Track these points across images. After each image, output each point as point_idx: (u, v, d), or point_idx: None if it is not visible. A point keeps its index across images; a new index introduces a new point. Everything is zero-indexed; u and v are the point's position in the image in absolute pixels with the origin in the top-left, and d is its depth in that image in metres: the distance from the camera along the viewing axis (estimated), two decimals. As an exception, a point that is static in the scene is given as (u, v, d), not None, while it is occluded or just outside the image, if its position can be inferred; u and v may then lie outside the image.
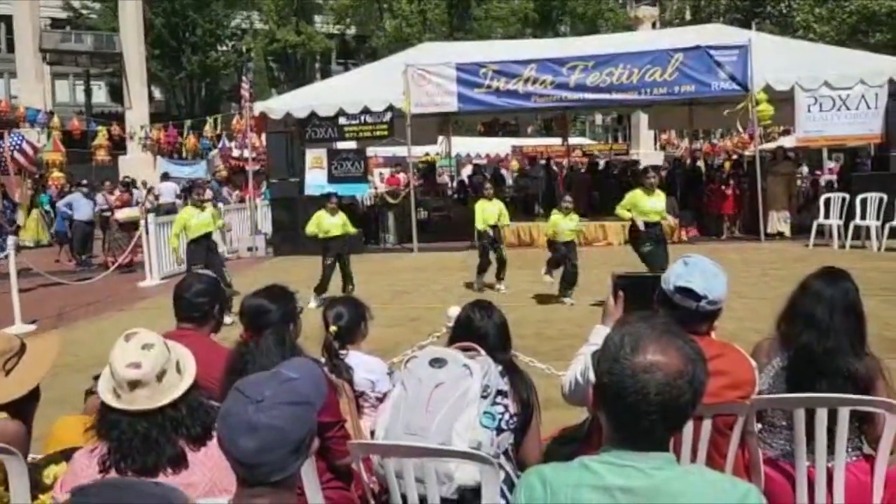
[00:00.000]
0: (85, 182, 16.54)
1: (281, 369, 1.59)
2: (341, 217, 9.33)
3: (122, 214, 13.93)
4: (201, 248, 9.02)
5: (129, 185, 17.29)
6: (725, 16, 33.10)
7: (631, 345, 1.39)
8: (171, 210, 15.70)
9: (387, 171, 22.19)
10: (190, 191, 10.96)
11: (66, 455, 2.33)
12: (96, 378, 2.85)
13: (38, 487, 2.31)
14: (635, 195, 8.41)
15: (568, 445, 2.73)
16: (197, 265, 8.50)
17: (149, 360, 1.96)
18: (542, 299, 8.78)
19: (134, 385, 1.94)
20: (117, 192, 15.53)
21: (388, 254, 14.29)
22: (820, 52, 15.77)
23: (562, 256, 8.62)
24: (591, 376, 2.41)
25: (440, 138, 21.72)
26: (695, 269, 2.42)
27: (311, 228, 9.30)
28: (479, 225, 9.62)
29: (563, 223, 8.73)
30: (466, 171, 25.20)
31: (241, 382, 1.52)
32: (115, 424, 1.96)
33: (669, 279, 2.43)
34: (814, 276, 2.74)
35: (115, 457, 1.95)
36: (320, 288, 8.99)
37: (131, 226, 13.47)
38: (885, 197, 11.91)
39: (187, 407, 2.01)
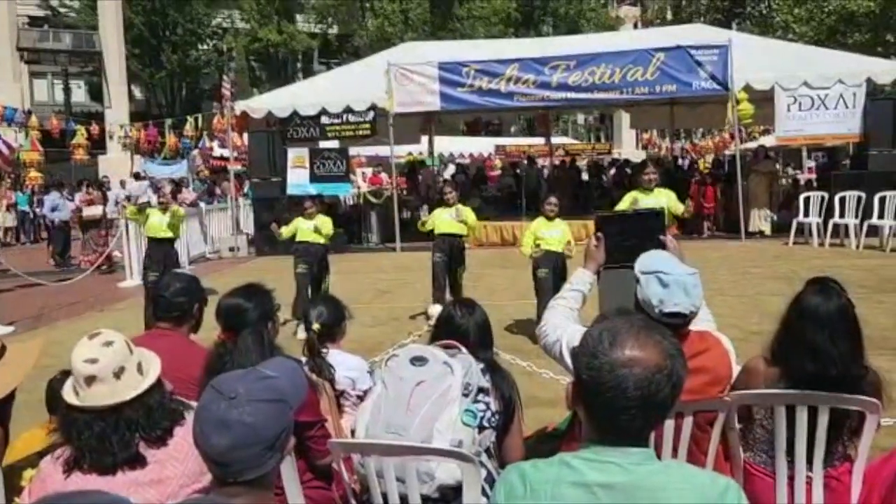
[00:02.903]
0: (62, 183, 16.37)
1: (259, 367, 1.57)
2: (319, 220, 8.18)
3: (85, 213, 13.83)
4: (159, 251, 8.67)
5: (101, 184, 17.05)
6: (706, 16, 33.32)
7: (609, 340, 1.39)
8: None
9: (369, 171, 22.10)
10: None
11: (42, 457, 2.30)
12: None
13: (14, 491, 2.27)
14: (628, 198, 7.33)
15: (550, 442, 2.73)
16: (151, 268, 8.28)
17: (106, 357, 1.94)
18: (527, 297, 8.72)
19: (90, 380, 1.92)
20: (94, 192, 15.39)
21: (370, 253, 14.26)
22: (799, 52, 15.94)
23: (545, 282, 6.94)
24: (567, 357, 2.43)
25: (423, 138, 21.68)
26: (676, 289, 2.37)
27: (285, 233, 8.31)
28: (429, 227, 8.18)
29: (545, 231, 7.20)
30: (449, 170, 25.12)
31: (217, 379, 1.50)
32: (73, 422, 1.95)
33: (651, 303, 2.39)
34: (806, 294, 2.62)
35: (75, 456, 1.93)
36: (297, 304, 7.48)
37: (92, 224, 13.37)
38: (864, 195, 12.04)
39: (146, 408, 1.97)
